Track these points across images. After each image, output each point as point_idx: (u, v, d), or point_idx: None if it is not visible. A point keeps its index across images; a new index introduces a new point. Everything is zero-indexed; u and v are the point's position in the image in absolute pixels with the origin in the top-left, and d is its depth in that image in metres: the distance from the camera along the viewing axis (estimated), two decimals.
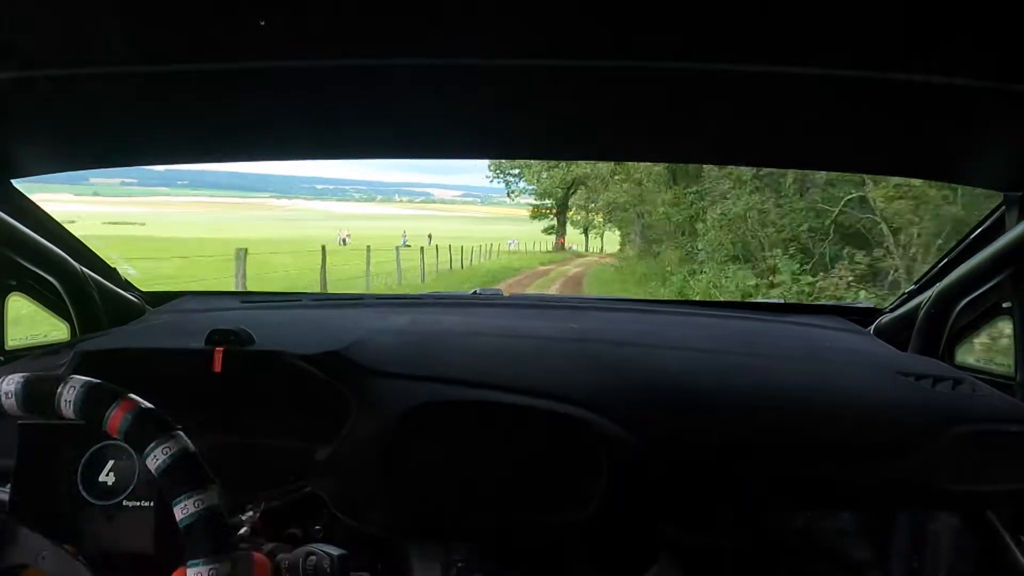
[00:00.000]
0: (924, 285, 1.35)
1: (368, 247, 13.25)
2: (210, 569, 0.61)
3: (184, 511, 0.62)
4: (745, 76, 0.83)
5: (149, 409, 0.66)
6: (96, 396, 0.66)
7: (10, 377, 0.68)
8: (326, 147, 1.28)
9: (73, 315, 1.29)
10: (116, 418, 0.65)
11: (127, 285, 1.51)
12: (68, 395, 0.65)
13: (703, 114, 1.03)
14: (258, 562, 0.65)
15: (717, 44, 0.77)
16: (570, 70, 0.84)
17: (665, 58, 0.80)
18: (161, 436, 0.64)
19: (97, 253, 1.43)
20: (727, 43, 0.77)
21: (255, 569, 0.64)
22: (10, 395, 0.67)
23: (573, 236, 47.75)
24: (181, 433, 0.65)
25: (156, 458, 0.63)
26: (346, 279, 12.29)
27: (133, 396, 0.66)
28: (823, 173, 8.97)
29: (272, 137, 1.22)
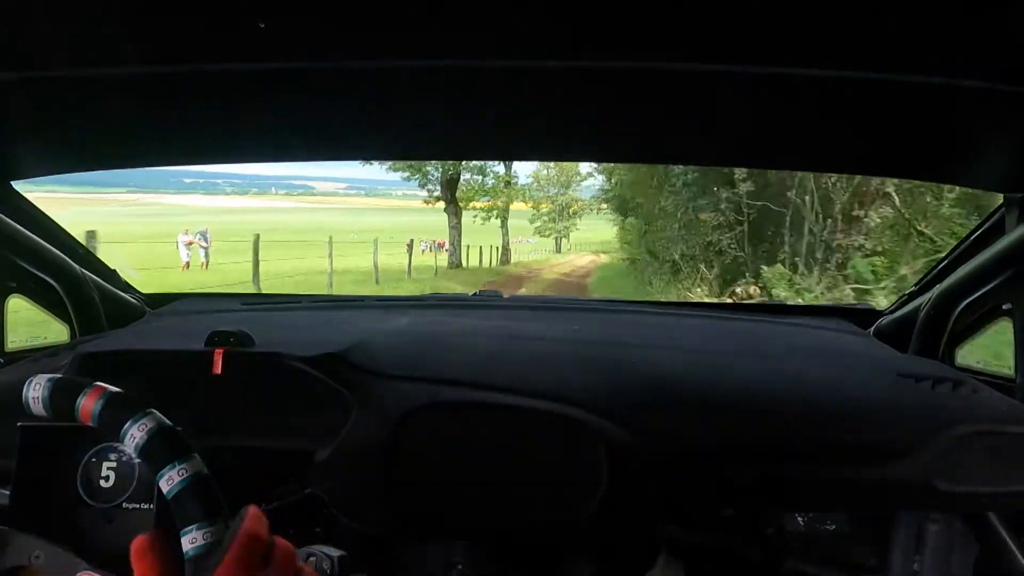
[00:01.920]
0: (924, 287, 1.35)
1: None
2: (204, 532, 0.59)
3: (169, 482, 0.61)
4: (745, 76, 0.83)
5: (119, 392, 0.65)
6: (63, 389, 0.64)
7: None
8: (326, 148, 1.28)
9: (73, 317, 1.29)
10: (87, 406, 0.63)
11: (127, 287, 1.51)
12: (35, 392, 0.64)
13: (704, 115, 1.03)
14: (251, 514, 0.63)
15: (716, 44, 0.77)
16: (570, 71, 0.85)
17: (665, 59, 0.80)
18: (135, 415, 0.63)
19: (97, 255, 1.43)
20: (726, 43, 0.77)
21: (248, 520, 0.62)
22: None
23: (474, 233, 27.57)
24: (156, 411, 0.64)
25: (133, 436, 0.62)
26: None
27: (100, 383, 0.65)
28: None
29: (273, 138, 1.22)
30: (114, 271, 1.48)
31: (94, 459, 0.82)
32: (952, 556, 1.13)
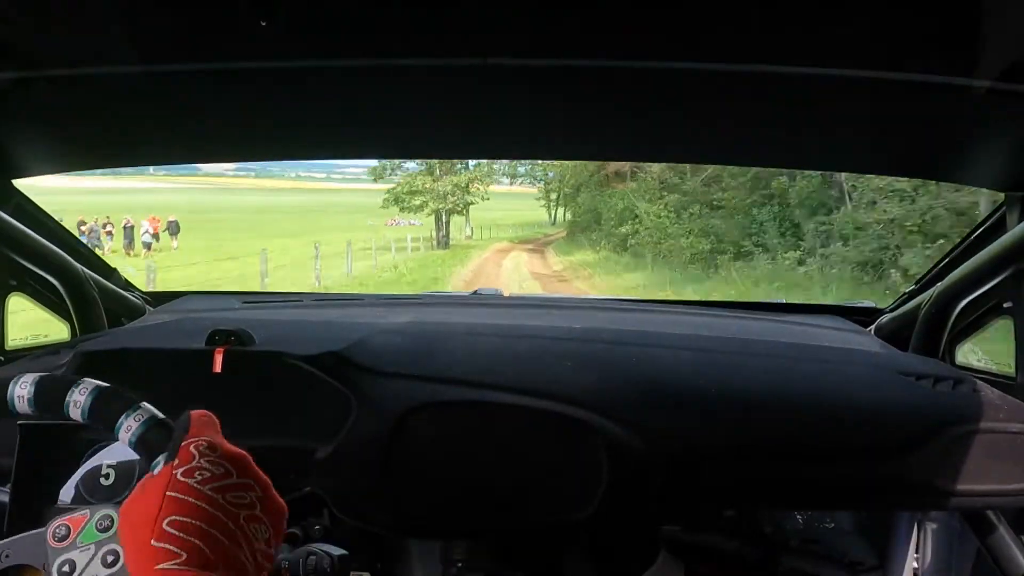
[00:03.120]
0: (925, 285, 1.35)
1: None
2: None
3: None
4: (745, 76, 0.83)
5: (108, 387, 0.64)
6: (50, 386, 0.64)
7: None
8: (326, 147, 1.28)
9: (73, 315, 1.29)
10: (76, 403, 0.62)
11: (127, 285, 1.51)
12: (21, 391, 0.64)
13: (704, 114, 1.03)
14: (194, 414, 0.63)
15: (718, 44, 0.77)
16: (570, 70, 0.85)
17: (666, 58, 0.80)
18: (126, 409, 0.62)
19: (97, 253, 1.43)
20: (727, 43, 0.77)
21: (191, 419, 0.62)
22: None
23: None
24: (147, 403, 0.63)
25: (129, 428, 0.61)
26: None
27: (89, 379, 0.64)
28: None
29: (273, 137, 1.22)
30: (114, 269, 1.48)
31: (93, 458, 0.82)
32: (951, 554, 1.13)
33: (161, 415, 0.64)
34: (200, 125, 1.12)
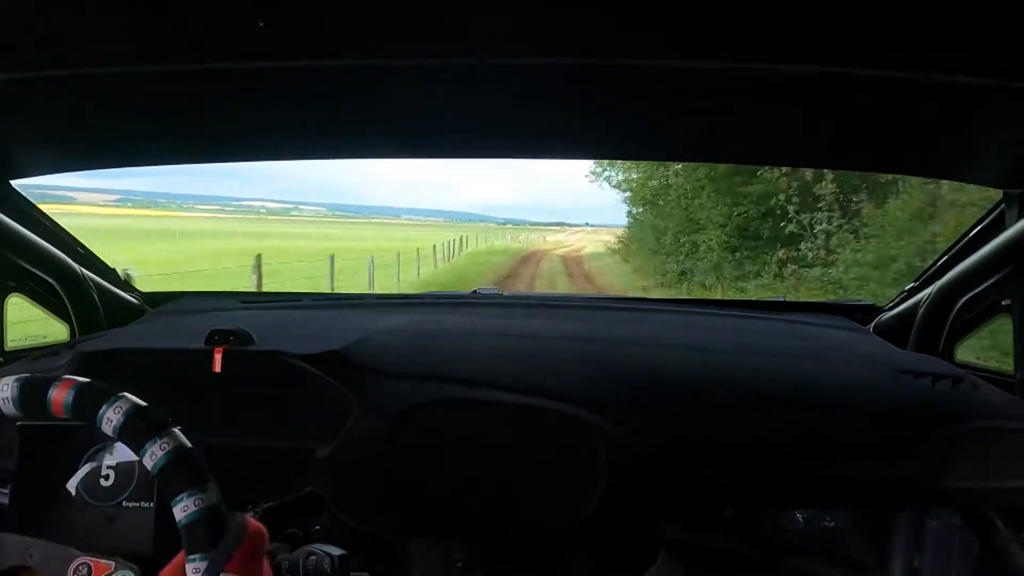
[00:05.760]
0: (924, 282, 1.35)
1: None
2: (195, 499, 0.60)
3: (152, 458, 0.61)
4: (745, 74, 0.83)
5: (88, 381, 0.64)
6: (32, 387, 0.64)
7: None
8: (325, 147, 1.28)
9: (72, 316, 1.29)
10: (58, 399, 0.62)
11: (126, 286, 1.51)
12: (3, 394, 0.63)
13: (703, 113, 1.03)
14: (252, 527, 0.63)
15: (717, 43, 0.77)
16: (570, 69, 0.85)
17: (665, 57, 0.80)
18: (108, 399, 0.62)
19: (96, 254, 1.43)
20: (727, 42, 0.77)
21: (248, 530, 0.62)
22: None
23: None
24: (128, 394, 0.63)
25: (110, 420, 0.61)
26: None
27: (69, 376, 0.64)
28: None
29: (272, 137, 1.22)
30: (113, 269, 1.48)
31: (93, 458, 0.82)
32: (952, 553, 1.13)
33: (142, 403, 0.63)
34: (199, 125, 1.12)
